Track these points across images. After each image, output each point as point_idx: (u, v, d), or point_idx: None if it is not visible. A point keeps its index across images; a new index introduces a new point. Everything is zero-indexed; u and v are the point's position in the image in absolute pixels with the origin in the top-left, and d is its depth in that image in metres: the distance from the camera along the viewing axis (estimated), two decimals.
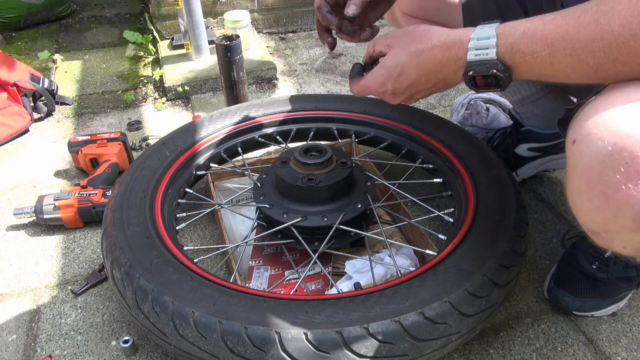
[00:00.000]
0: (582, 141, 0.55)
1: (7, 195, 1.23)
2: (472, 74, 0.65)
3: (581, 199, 0.56)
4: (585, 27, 0.54)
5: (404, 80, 0.73)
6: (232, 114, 1.17)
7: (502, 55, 0.62)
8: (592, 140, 0.53)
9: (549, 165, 1.19)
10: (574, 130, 0.57)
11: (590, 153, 0.53)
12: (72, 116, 1.56)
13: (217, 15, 1.98)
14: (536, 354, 0.85)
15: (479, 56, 0.63)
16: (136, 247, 0.80)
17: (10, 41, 2.00)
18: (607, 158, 0.51)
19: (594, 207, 0.54)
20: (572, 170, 0.57)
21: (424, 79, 0.72)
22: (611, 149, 0.51)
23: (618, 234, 0.54)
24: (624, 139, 0.50)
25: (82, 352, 0.86)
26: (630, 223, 0.51)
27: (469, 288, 0.71)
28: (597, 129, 0.53)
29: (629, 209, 0.50)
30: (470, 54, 0.64)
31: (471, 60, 0.64)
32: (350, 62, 1.86)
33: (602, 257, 0.88)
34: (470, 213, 0.88)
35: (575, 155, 0.56)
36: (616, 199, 0.51)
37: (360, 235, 0.92)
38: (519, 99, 1.14)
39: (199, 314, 0.68)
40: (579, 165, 0.55)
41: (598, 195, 0.53)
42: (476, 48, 0.64)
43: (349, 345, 0.65)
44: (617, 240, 0.55)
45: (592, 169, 0.53)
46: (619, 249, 0.56)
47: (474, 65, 0.64)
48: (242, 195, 1.14)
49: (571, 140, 0.57)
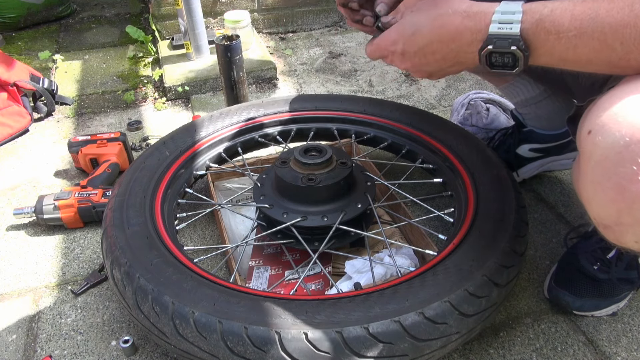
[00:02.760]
0: (599, 132, 0.54)
1: (7, 195, 1.23)
2: (491, 48, 0.62)
3: (595, 191, 0.55)
4: (618, 11, 0.53)
5: (415, 42, 0.70)
6: (232, 114, 1.17)
7: (526, 31, 0.59)
8: (608, 131, 0.52)
9: (550, 167, 1.19)
10: (589, 121, 0.56)
11: (607, 144, 0.52)
12: (72, 116, 1.56)
13: (217, 15, 1.98)
14: (536, 354, 0.85)
15: (501, 29, 0.61)
16: (136, 247, 0.80)
17: (10, 41, 2.00)
18: (623, 149, 0.51)
19: (608, 198, 0.54)
20: (586, 162, 0.56)
21: (435, 45, 0.68)
22: (628, 139, 0.50)
23: (631, 227, 0.53)
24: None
25: (82, 352, 0.86)
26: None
27: (469, 288, 0.71)
28: (614, 120, 0.53)
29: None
30: (493, 27, 0.62)
31: (493, 33, 0.62)
32: (350, 62, 1.86)
33: (603, 258, 0.88)
34: (470, 213, 0.88)
35: (590, 146, 0.55)
36: (631, 190, 0.51)
37: (360, 235, 0.92)
38: (521, 100, 1.14)
39: (199, 314, 0.68)
40: (594, 156, 0.54)
41: (613, 186, 0.52)
42: (500, 21, 0.61)
43: (349, 345, 0.65)
44: (630, 234, 0.55)
45: (608, 159, 0.52)
46: (631, 243, 0.55)
47: (495, 39, 0.62)
48: (242, 195, 1.14)
49: (586, 131, 0.56)
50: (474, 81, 1.70)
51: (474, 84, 1.69)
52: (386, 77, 1.74)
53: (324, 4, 2.11)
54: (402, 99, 1.61)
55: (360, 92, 1.67)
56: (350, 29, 2.13)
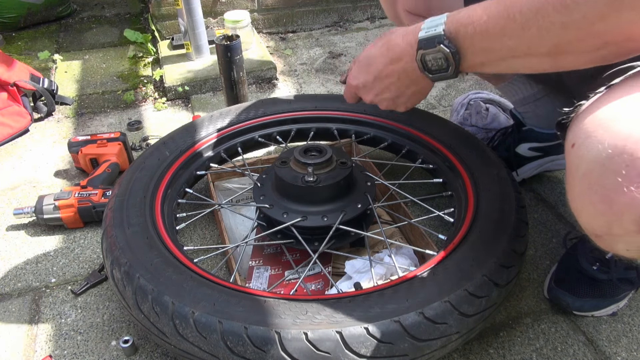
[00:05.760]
0: (582, 145, 0.54)
1: (7, 195, 1.23)
2: (421, 52, 0.68)
3: (583, 203, 0.56)
4: None
5: (371, 71, 0.78)
6: (232, 113, 1.17)
7: (448, 29, 0.65)
8: (591, 144, 0.53)
9: (549, 167, 1.19)
10: (573, 133, 0.57)
11: (591, 157, 0.53)
12: (72, 116, 1.56)
13: (217, 15, 1.98)
14: (536, 354, 0.85)
15: (428, 33, 0.66)
16: (136, 247, 0.80)
17: (10, 41, 2.00)
18: (607, 161, 0.51)
19: (597, 211, 0.54)
20: (572, 175, 0.56)
21: (388, 68, 0.75)
22: (611, 151, 0.51)
23: (621, 237, 0.54)
24: (624, 140, 0.50)
25: (82, 352, 0.86)
26: (633, 226, 0.51)
27: (469, 288, 0.71)
28: (596, 131, 0.53)
29: (632, 211, 0.50)
30: (422, 33, 0.68)
31: (421, 38, 0.67)
32: (350, 62, 1.86)
33: (603, 259, 0.88)
34: (470, 213, 0.88)
35: (575, 159, 0.56)
36: (619, 202, 0.51)
37: (360, 235, 0.92)
38: (520, 99, 1.14)
39: (199, 314, 0.68)
40: (580, 169, 0.55)
41: (600, 199, 0.53)
42: (427, 27, 0.67)
43: (349, 345, 0.65)
44: (621, 243, 0.55)
45: (593, 172, 0.53)
46: (622, 251, 0.56)
47: (423, 41, 0.67)
48: (242, 195, 1.14)
49: (570, 144, 0.56)
50: (474, 81, 1.70)
51: (474, 84, 1.69)
52: None
53: (324, 4, 2.11)
54: None
55: None
56: (351, 29, 2.13)
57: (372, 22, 2.19)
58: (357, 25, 2.17)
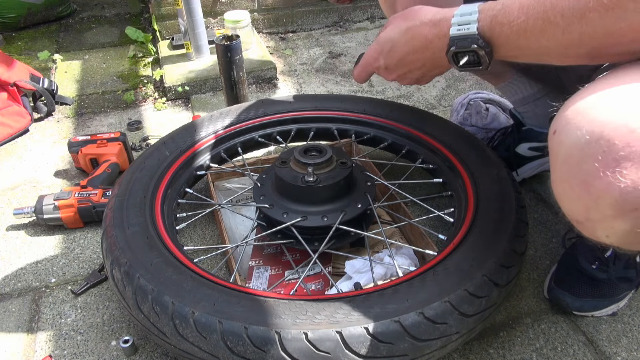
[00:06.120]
0: (562, 131, 0.56)
1: (7, 195, 1.23)
2: (454, 49, 0.67)
3: (563, 188, 0.57)
4: None
5: (394, 56, 0.77)
6: (232, 113, 1.17)
7: (483, 29, 0.63)
8: (571, 130, 0.54)
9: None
10: (555, 121, 0.58)
11: (570, 142, 0.54)
12: (72, 116, 1.56)
13: (217, 15, 1.98)
14: (536, 354, 0.85)
15: (460, 31, 0.65)
16: (136, 247, 0.80)
17: (10, 41, 2.00)
18: (585, 146, 0.52)
19: (575, 195, 0.55)
20: (554, 160, 0.58)
21: (412, 56, 0.75)
22: (589, 137, 0.52)
23: (599, 222, 0.55)
24: (602, 126, 0.51)
25: (82, 352, 0.86)
26: (610, 210, 0.52)
27: (469, 288, 0.71)
28: (576, 118, 0.54)
29: (608, 195, 0.51)
30: (453, 29, 0.66)
31: (453, 35, 0.66)
32: (350, 62, 1.86)
33: (602, 257, 0.88)
34: (470, 213, 0.88)
35: (556, 145, 0.57)
36: (595, 186, 0.52)
37: (360, 235, 0.92)
38: (519, 99, 1.14)
39: (199, 314, 0.68)
40: (560, 154, 0.56)
41: (578, 183, 0.54)
42: (459, 24, 0.66)
43: (349, 345, 0.65)
44: (600, 229, 0.56)
45: (572, 157, 0.54)
46: (603, 238, 0.57)
47: (456, 40, 0.66)
48: (242, 195, 1.14)
49: (552, 131, 0.58)
50: (474, 81, 1.70)
51: (474, 84, 1.69)
52: None
53: (324, 4, 2.11)
54: (402, 99, 1.61)
55: (360, 92, 1.67)
56: (351, 29, 2.13)
57: (372, 22, 2.19)
58: (357, 25, 2.17)
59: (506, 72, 1.12)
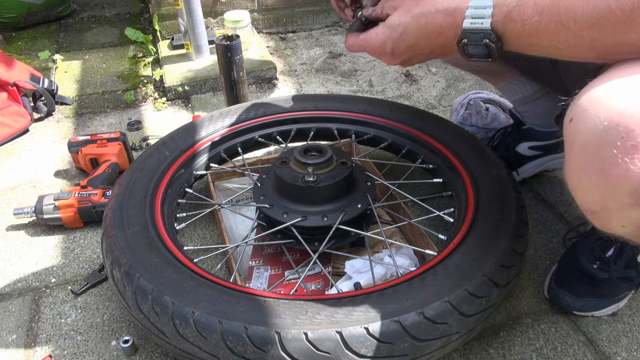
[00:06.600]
0: (579, 118, 0.55)
1: (7, 195, 1.23)
2: (465, 41, 0.67)
3: (579, 177, 0.56)
4: None
5: (404, 41, 0.75)
6: (232, 113, 1.17)
7: (496, 24, 0.63)
8: (588, 117, 0.54)
9: (549, 165, 1.19)
10: (570, 109, 0.58)
11: (587, 130, 0.54)
12: (72, 116, 1.56)
13: (217, 15, 1.98)
14: (536, 354, 0.85)
15: (474, 24, 0.65)
16: (136, 247, 0.80)
17: (10, 41, 2.00)
18: (603, 134, 0.52)
19: (592, 184, 0.54)
20: (569, 149, 0.57)
21: (423, 42, 0.73)
22: (607, 124, 0.51)
23: (616, 212, 0.54)
24: (620, 114, 0.51)
25: (82, 352, 0.86)
26: (628, 198, 0.51)
27: (469, 288, 0.71)
28: (593, 105, 0.54)
29: (626, 183, 0.51)
30: (467, 22, 0.66)
31: (466, 28, 0.66)
32: (350, 62, 1.86)
33: (603, 257, 0.88)
34: (470, 213, 0.88)
35: (572, 133, 0.56)
36: (613, 174, 0.51)
37: (360, 235, 0.92)
38: (519, 98, 1.14)
39: (199, 314, 0.68)
40: (576, 142, 0.55)
41: (596, 171, 0.53)
42: (472, 16, 0.65)
43: (349, 345, 0.65)
44: (616, 219, 0.55)
45: (589, 145, 0.54)
46: (618, 228, 0.56)
47: (468, 34, 0.66)
48: (242, 195, 1.14)
49: (568, 119, 0.57)
50: (474, 81, 1.70)
51: (474, 84, 1.69)
52: (386, 77, 1.74)
53: (324, 4, 2.11)
54: (402, 99, 1.61)
55: (360, 92, 1.67)
56: None
57: None
58: None
59: (506, 71, 1.12)
